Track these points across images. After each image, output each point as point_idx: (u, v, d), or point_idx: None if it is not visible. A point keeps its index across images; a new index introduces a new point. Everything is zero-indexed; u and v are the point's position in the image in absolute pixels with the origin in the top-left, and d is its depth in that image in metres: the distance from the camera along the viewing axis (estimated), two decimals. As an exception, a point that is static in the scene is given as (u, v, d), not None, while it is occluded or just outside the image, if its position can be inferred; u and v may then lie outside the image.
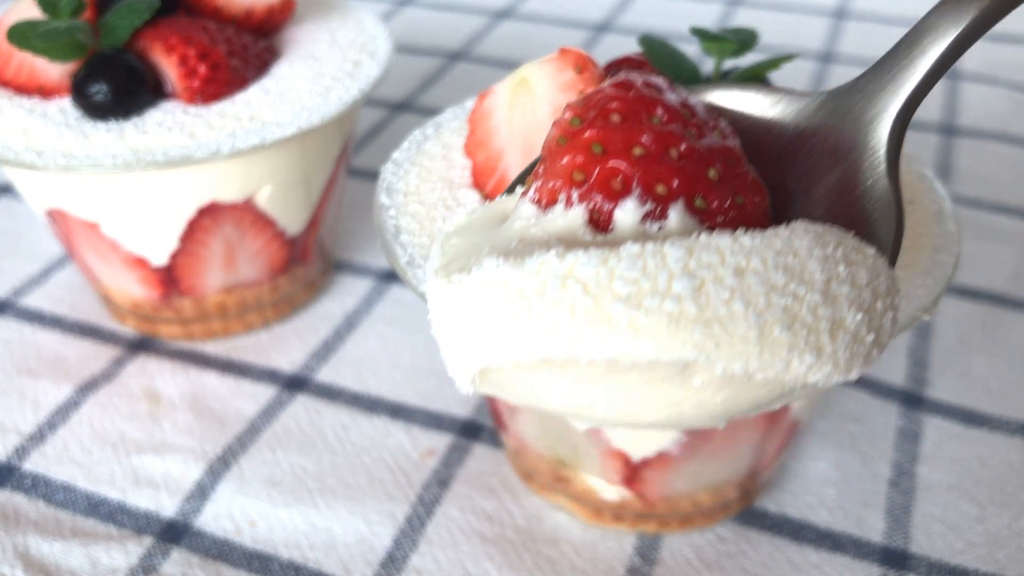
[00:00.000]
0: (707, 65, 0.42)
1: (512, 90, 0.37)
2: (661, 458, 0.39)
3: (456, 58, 0.87)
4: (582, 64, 0.36)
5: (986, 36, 1.06)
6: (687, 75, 0.39)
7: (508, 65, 0.85)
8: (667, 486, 0.41)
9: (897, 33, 1.08)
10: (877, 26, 0.92)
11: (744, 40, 0.39)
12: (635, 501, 0.42)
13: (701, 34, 0.39)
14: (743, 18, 0.94)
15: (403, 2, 0.99)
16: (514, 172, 0.37)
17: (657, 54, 0.39)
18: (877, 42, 0.89)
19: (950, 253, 0.37)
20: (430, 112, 0.78)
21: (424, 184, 0.40)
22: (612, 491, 0.42)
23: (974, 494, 0.45)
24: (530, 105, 0.37)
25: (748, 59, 0.41)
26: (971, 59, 0.85)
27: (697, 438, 0.38)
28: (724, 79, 0.40)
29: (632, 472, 0.40)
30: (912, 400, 0.50)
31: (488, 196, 0.39)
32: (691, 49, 0.44)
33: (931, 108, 0.77)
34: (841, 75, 0.83)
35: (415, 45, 0.88)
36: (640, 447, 0.39)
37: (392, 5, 0.98)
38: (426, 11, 0.97)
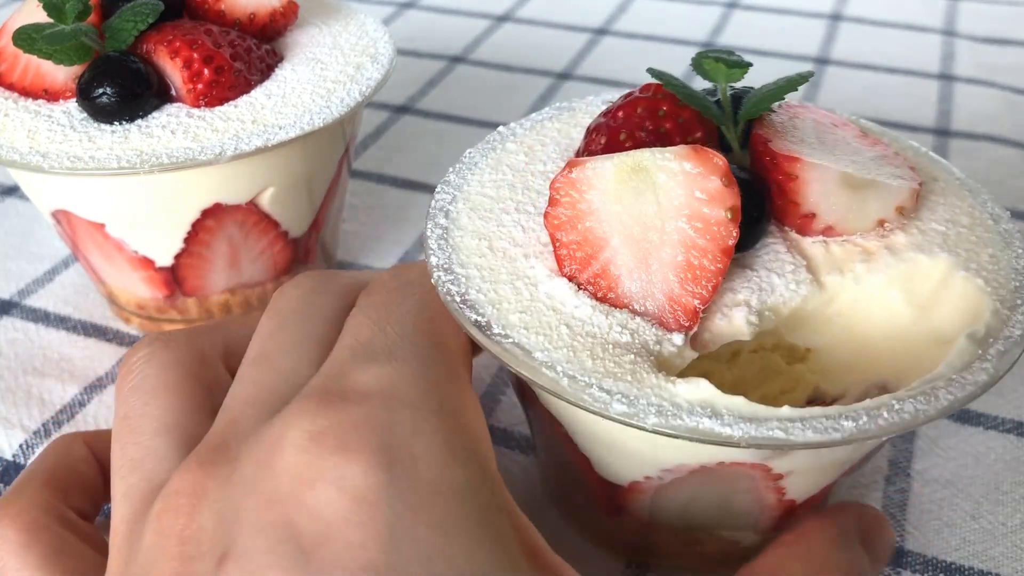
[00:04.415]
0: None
1: (622, 175, 0.34)
2: (823, 491, 0.38)
3: (457, 61, 0.87)
4: (727, 172, 0.33)
5: (979, 38, 1.05)
6: (704, 104, 0.38)
7: (509, 68, 0.86)
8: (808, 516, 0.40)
9: (892, 36, 1.08)
10: (872, 29, 0.93)
11: (740, 63, 0.37)
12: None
13: (712, 59, 0.37)
14: (739, 21, 0.95)
15: (405, 5, 0.99)
16: (621, 268, 0.34)
17: (674, 87, 0.37)
18: (872, 45, 0.89)
19: (1007, 220, 0.39)
20: (431, 115, 0.78)
21: (487, 283, 0.35)
22: (755, 538, 0.40)
23: (969, 491, 0.45)
24: (650, 200, 0.34)
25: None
26: (964, 61, 0.86)
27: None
28: (737, 103, 0.38)
29: (790, 515, 0.39)
30: (908, 399, 0.50)
31: (586, 286, 0.35)
32: (684, 52, 0.44)
33: (925, 110, 0.78)
34: (836, 78, 0.84)
35: (416, 48, 0.89)
36: (810, 488, 0.38)
37: (394, 8, 0.98)
38: (427, 14, 0.97)
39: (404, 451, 0.29)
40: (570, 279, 0.35)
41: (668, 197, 0.33)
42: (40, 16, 0.46)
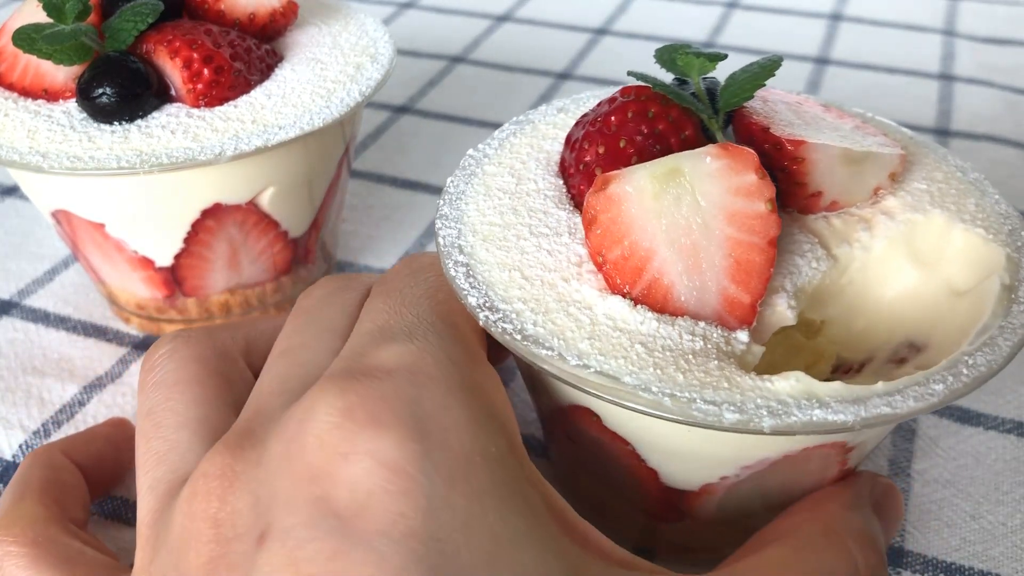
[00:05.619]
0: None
1: (658, 183, 0.33)
2: (868, 455, 0.39)
3: (457, 61, 0.87)
4: (759, 166, 0.33)
5: (979, 38, 1.05)
6: (688, 99, 0.38)
7: (509, 68, 0.86)
8: None
9: (892, 36, 1.08)
10: (873, 28, 0.93)
11: (716, 55, 0.37)
12: None
13: (686, 53, 0.37)
14: (739, 21, 0.95)
15: (405, 5, 0.99)
16: (672, 276, 0.33)
17: (661, 87, 0.38)
18: (872, 45, 0.89)
19: (972, 170, 0.41)
20: (431, 115, 0.78)
21: (538, 315, 0.34)
22: None
23: (969, 491, 0.45)
24: (690, 204, 0.33)
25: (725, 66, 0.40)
26: (964, 61, 0.86)
27: None
28: (710, 94, 0.38)
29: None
30: (908, 399, 0.50)
31: (640, 300, 0.34)
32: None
33: (925, 110, 0.78)
34: (836, 78, 0.84)
35: (416, 48, 0.89)
36: (864, 455, 0.38)
37: (394, 8, 0.98)
38: (427, 14, 0.97)
39: (434, 422, 0.29)
40: (623, 296, 0.34)
41: (708, 198, 0.33)
42: (40, 16, 0.46)
